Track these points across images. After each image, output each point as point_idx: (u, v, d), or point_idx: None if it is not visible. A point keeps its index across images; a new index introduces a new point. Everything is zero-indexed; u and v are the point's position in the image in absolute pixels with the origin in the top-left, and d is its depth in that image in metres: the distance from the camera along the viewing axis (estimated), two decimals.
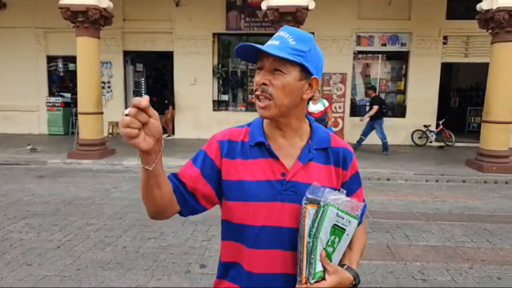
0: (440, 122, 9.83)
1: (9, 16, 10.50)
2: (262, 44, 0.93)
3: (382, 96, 10.58)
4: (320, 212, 0.86)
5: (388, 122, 10.24)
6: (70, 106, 10.84)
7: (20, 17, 10.49)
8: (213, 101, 10.72)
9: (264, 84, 0.90)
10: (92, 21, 7.10)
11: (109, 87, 10.74)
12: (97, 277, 2.91)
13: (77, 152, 7.49)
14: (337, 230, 0.88)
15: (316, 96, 7.38)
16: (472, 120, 12.32)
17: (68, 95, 10.97)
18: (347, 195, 0.93)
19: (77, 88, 7.58)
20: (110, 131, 10.57)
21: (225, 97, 10.96)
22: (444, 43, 9.99)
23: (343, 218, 0.88)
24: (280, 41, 0.90)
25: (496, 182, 6.38)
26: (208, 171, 0.97)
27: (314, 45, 0.94)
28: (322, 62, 0.97)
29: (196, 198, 0.98)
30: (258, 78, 0.91)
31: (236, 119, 9.98)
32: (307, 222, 0.87)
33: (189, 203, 0.97)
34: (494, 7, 6.49)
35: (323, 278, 0.88)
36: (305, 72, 0.92)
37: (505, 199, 5.40)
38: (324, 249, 0.88)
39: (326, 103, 7.42)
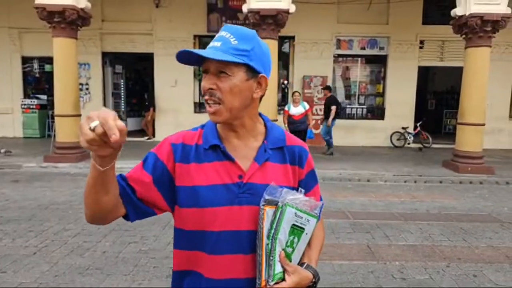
0: (418, 124, 10.11)
1: None
2: None
3: (362, 99, 10.81)
4: (279, 213, 0.85)
5: (368, 124, 10.50)
6: (46, 108, 10.51)
7: None
8: (194, 103, 10.64)
9: (211, 89, 0.88)
10: (69, 22, 6.91)
11: (87, 89, 10.48)
12: (76, 283, 2.82)
13: (53, 156, 7.25)
14: (296, 230, 0.89)
15: (297, 99, 7.45)
16: (448, 122, 12.75)
17: (44, 97, 10.62)
18: (305, 192, 0.94)
19: (54, 89, 7.35)
20: None
21: None
22: (421, 47, 10.32)
23: (301, 218, 0.88)
24: (222, 42, 0.88)
25: (471, 182, 6.61)
26: (159, 177, 0.93)
27: (258, 42, 0.91)
28: (268, 57, 0.95)
29: (144, 203, 0.94)
30: (204, 83, 0.89)
31: None
32: (266, 224, 0.86)
33: (139, 207, 0.93)
34: (467, 13, 6.75)
35: (283, 279, 0.88)
36: (252, 71, 0.90)
37: (479, 198, 5.60)
38: (283, 249, 0.88)
39: (307, 106, 7.50)
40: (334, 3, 10.05)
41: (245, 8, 6.97)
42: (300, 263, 0.93)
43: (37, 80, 10.86)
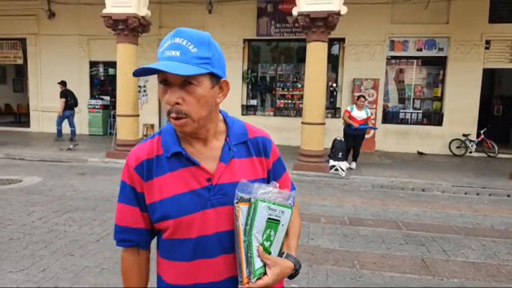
0: (481, 132, 9.32)
1: (57, 24, 11.27)
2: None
3: (417, 103, 10.23)
4: (252, 209, 0.86)
5: (423, 130, 9.91)
6: (109, 109, 11.42)
7: (66, 25, 11.22)
8: (242, 105, 10.84)
9: (177, 103, 0.85)
10: (131, 29, 7.43)
11: (144, 91, 11.17)
12: None
13: (114, 152, 7.83)
14: (272, 223, 0.89)
15: (362, 103, 7.17)
16: None
17: (107, 98, 11.54)
18: (275, 180, 0.94)
19: (116, 91, 7.95)
20: (145, 132, 10.97)
21: (253, 102, 11.03)
22: (487, 48, 9.49)
23: (275, 210, 0.89)
24: (181, 51, 0.83)
25: None
26: (143, 205, 0.95)
27: (215, 46, 0.88)
28: (224, 59, 0.93)
29: (149, 231, 0.99)
30: (169, 97, 0.85)
31: (264, 124, 10.02)
32: (241, 221, 0.87)
33: (147, 238, 1.00)
34: None
35: (265, 273, 0.87)
36: (215, 77, 0.88)
37: None
38: (260, 244, 0.88)
39: (369, 112, 7.27)
40: (388, 3, 9.63)
41: (295, 11, 6.96)
42: (280, 253, 0.93)
43: (102, 83, 11.82)
